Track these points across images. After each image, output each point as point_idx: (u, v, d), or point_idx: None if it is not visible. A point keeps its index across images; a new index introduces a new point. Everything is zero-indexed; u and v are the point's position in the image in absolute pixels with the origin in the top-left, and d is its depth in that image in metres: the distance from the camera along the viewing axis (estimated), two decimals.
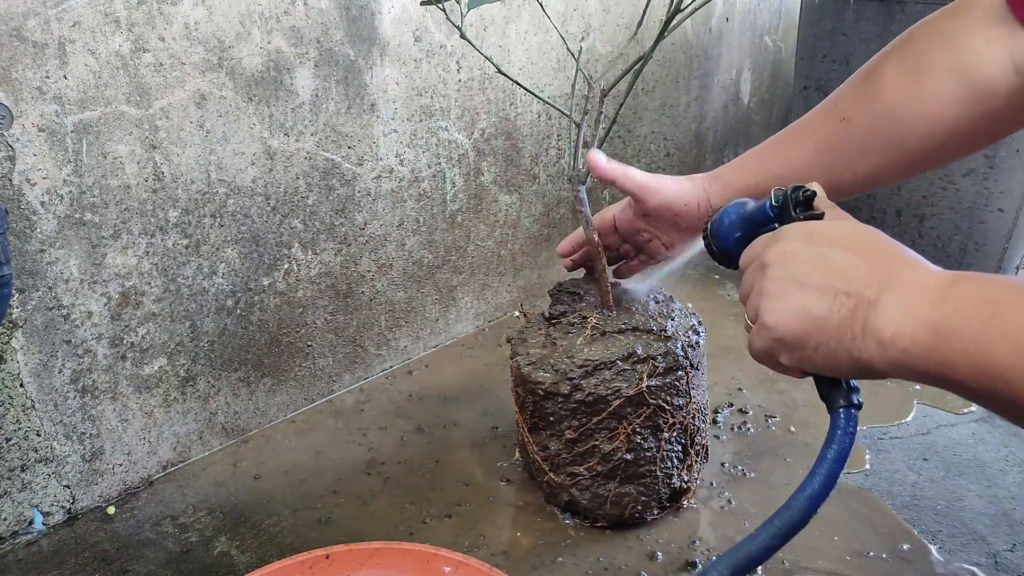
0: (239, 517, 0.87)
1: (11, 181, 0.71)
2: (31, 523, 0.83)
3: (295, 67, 0.90)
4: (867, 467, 0.97)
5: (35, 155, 0.72)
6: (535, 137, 1.29)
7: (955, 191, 1.30)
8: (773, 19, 1.84)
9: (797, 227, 0.49)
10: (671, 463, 0.82)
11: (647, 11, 0.80)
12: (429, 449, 1.00)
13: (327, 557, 0.72)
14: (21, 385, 0.77)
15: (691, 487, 0.86)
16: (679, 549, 0.82)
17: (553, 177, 1.36)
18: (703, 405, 0.86)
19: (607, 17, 1.33)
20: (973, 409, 1.11)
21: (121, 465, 0.89)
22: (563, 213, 1.41)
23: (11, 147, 0.70)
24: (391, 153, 1.06)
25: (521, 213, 1.32)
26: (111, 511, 0.87)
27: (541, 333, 0.86)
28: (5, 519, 0.81)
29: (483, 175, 1.22)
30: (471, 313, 1.31)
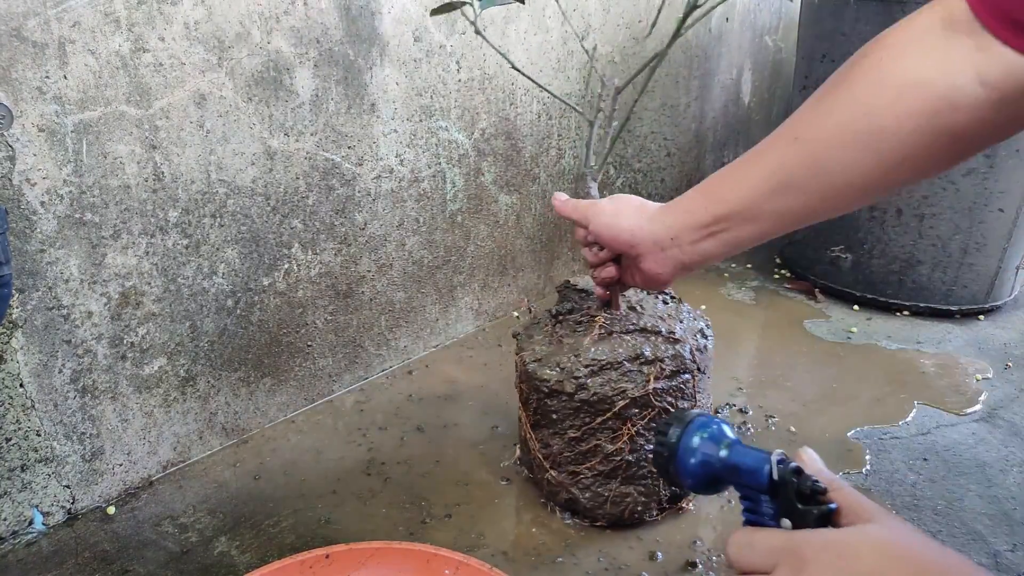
0: (239, 517, 0.87)
1: (11, 181, 0.71)
2: (31, 523, 0.83)
3: (295, 67, 0.90)
4: (867, 467, 0.97)
5: (35, 155, 0.72)
6: (535, 137, 1.29)
7: (955, 191, 1.30)
8: (773, 19, 1.84)
9: (819, 549, 0.39)
10: None
11: (662, 9, 0.80)
12: (429, 449, 1.00)
13: (327, 557, 0.72)
14: (21, 385, 0.78)
15: None
16: (679, 549, 0.82)
17: (553, 177, 1.36)
18: (707, 408, 0.86)
19: (607, 17, 1.33)
20: (973, 409, 1.11)
21: (121, 465, 0.89)
22: None
23: (11, 147, 0.70)
24: (391, 153, 1.06)
25: (521, 213, 1.32)
26: (111, 511, 0.87)
27: (547, 330, 0.85)
28: (5, 519, 0.81)
29: (483, 175, 1.22)
30: (471, 313, 1.31)
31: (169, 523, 0.86)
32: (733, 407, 1.09)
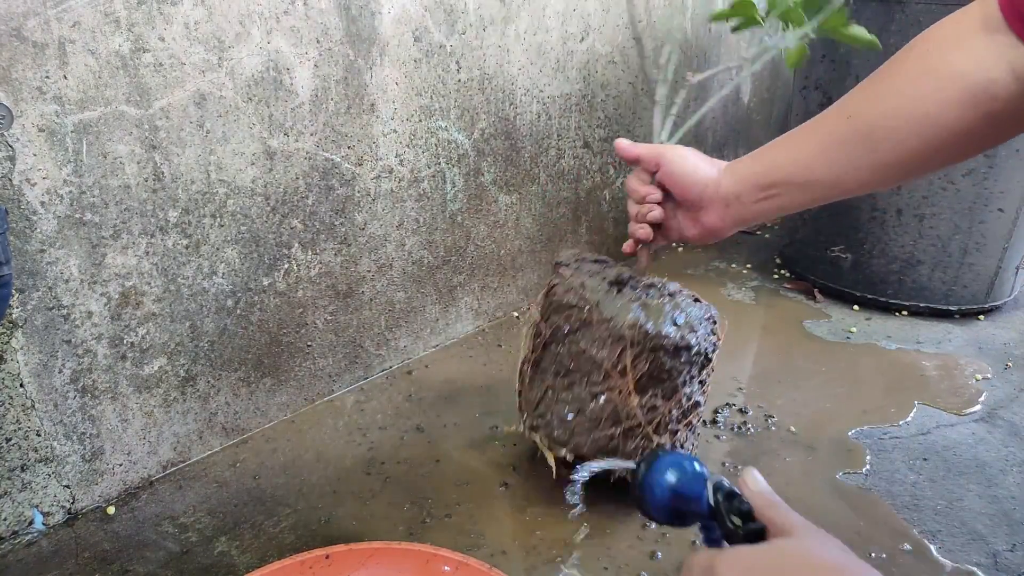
0: (239, 517, 0.87)
1: (11, 181, 0.71)
2: (31, 523, 0.83)
3: (295, 67, 0.90)
4: (867, 467, 0.97)
5: (35, 155, 0.72)
6: (535, 137, 1.29)
7: (955, 191, 1.31)
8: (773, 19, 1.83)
9: (729, 565, 0.44)
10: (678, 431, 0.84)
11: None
12: (429, 449, 1.00)
13: (327, 557, 0.72)
14: (21, 385, 0.78)
15: None
16: (679, 549, 0.82)
17: (553, 177, 1.36)
18: (703, 401, 0.86)
19: (607, 17, 1.33)
20: (973, 409, 1.11)
21: (121, 465, 0.89)
22: (563, 213, 1.41)
23: (11, 147, 0.70)
24: (391, 153, 1.06)
25: (521, 213, 1.32)
26: (111, 511, 0.87)
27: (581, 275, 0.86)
28: (5, 519, 0.81)
29: (483, 175, 1.22)
30: (471, 313, 1.31)
31: (169, 523, 0.86)
32: (733, 407, 1.09)
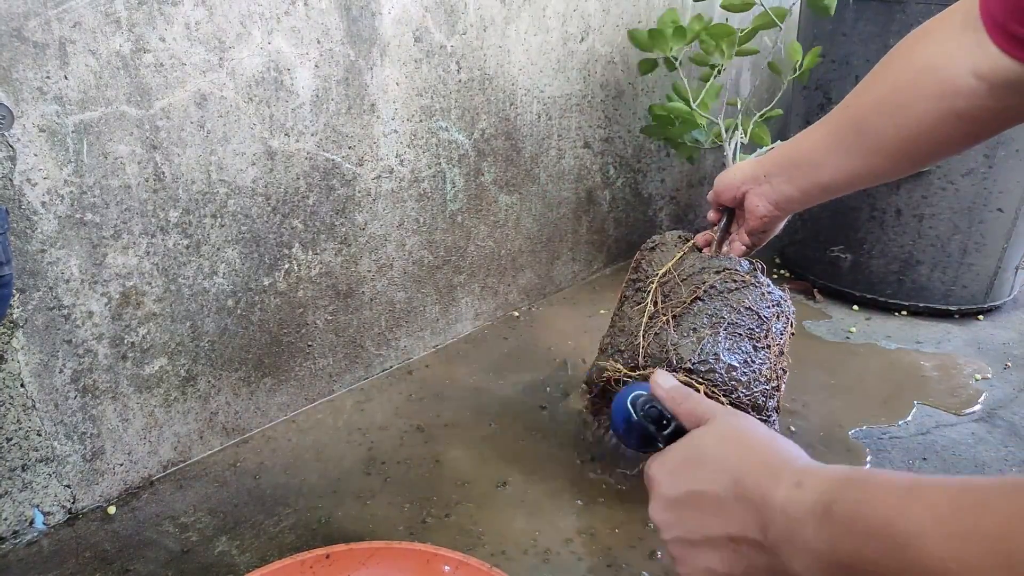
0: (239, 517, 0.87)
1: (12, 181, 0.71)
2: (32, 523, 0.83)
3: (295, 67, 0.91)
4: (867, 467, 0.97)
5: (36, 155, 0.72)
6: (535, 137, 1.29)
7: (955, 191, 1.31)
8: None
9: (658, 466, 0.47)
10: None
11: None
12: (429, 449, 1.00)
13: (327, 557, 0.72)
14: (22, 385, 0.78)
15: None
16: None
17: (553, 177, 1.36)
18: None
19: (607, 17, 1.33)
20: (972, 409, 1.11)
21: (122, 465, 0.89)
22: (563, 213, 1.42)
23: (12, 147, 0.71)
24: (391, 153, 1.06)
25: (521, 213, 1.32)
26: (112, 511, 0.87)
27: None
28: (6, 519, 0.81)
29: (483, 175, 1.22)
30: (471, 313, 1.31)
31: (170, 523, 0.86)
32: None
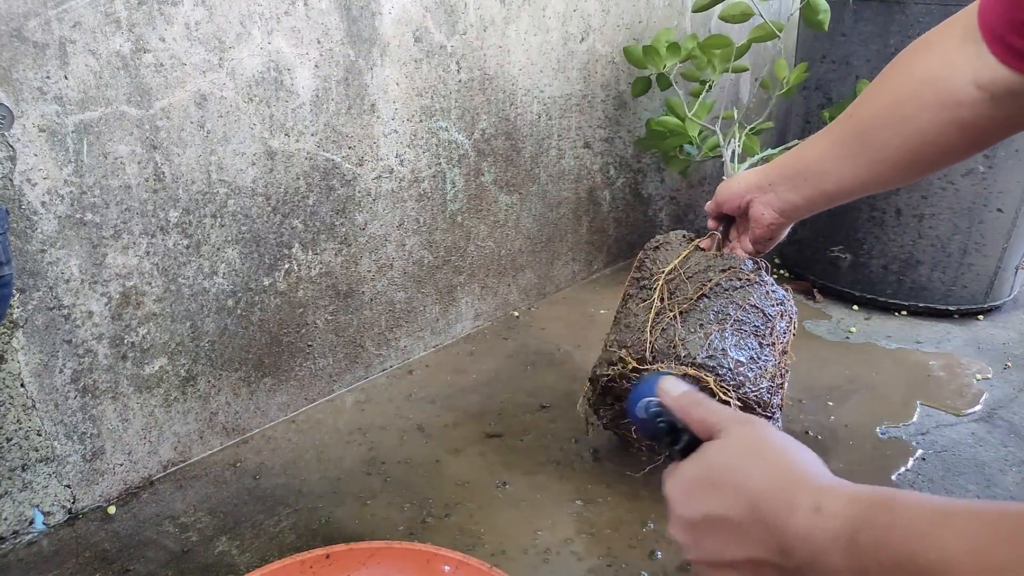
0: (239, 517, 0.87)
1: (12, 181, 0.71)
2: (32, 523, 0.83)
3: (295, 67, 0.91)
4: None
5: (36, 155, 0.72)
6: (535, 137, 1.29)
7: (954, 191, 1.31)
8: (772, 19, 1.83)
9: (673, 485, 0.45)
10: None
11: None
12: (429, 449, 1.00)
13: (327, 557, 0.72)
14: (22, 385, 0.78)
15: None
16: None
17: (553, 177, 1.36)
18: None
19: (607, 17, 1.33)
20: (973, 410, 1.11)
21: (122, 465, 0.89)
22: (563, 213, 1.42)
23: (12, 147, 0.71)
24: (391, 153, 1.06)
25: (521, 213, 1.32)
26: (112, 511, 0.87)
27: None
28: (6, 519, 0.81)
29: (483, 175, 1.22)
30: (471, 313, 1.31)
31: (170, 523, 0.86)
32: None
